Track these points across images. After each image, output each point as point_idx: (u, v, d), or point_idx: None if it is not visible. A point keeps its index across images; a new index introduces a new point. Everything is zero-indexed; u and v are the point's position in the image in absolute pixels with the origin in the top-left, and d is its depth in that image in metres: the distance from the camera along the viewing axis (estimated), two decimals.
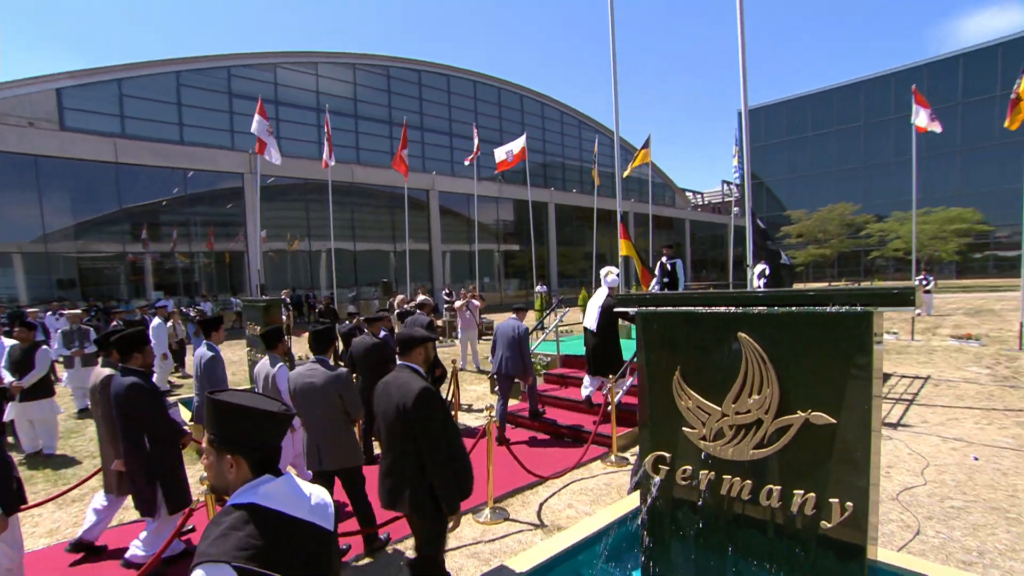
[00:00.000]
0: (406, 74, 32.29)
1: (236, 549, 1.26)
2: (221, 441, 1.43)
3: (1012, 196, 36.89)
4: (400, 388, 2.72)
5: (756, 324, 2.26)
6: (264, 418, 1.42)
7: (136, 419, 3.44)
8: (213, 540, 1.29)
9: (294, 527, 1.38)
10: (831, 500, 2.10)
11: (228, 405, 1.42)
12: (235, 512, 1.34)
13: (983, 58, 40.06)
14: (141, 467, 3.48)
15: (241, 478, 1.41)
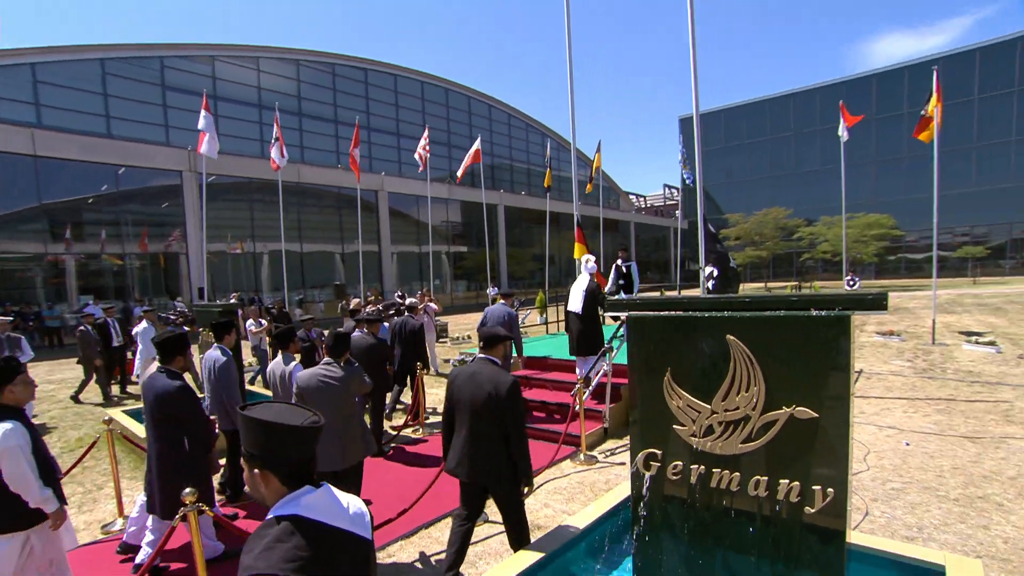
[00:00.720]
0: (352, 72, 31.60)
1: (283, 561, 1.26)
2: (250, 456, 1.42)
3: (920, 204, 40.43)
4: (490, 379, 3.16)
5: (744, 327, 2.44)
6: (287, 432, 1.39)
7: (181, 420, 3.51)
8: (259, 553, 1.28)
9: (336, 537, 1.38)
10: (814, 488, 2.30)
11: (252, 421, 1.40)
12: (278, 524, 1.34)
13: (892, 79, 43.72)
14: (178, 468, 3.51)
15: (273, 491, 1.41)
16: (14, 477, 2.78)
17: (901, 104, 42.74)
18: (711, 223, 9.10)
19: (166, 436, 3.54)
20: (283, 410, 1.48)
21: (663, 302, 2.77)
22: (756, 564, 2.46)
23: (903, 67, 43.54)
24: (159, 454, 3.55)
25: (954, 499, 4.31)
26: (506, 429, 3.13)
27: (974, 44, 40.83)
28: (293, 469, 1.42)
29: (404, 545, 4.05)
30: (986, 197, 39.33)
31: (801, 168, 48.24)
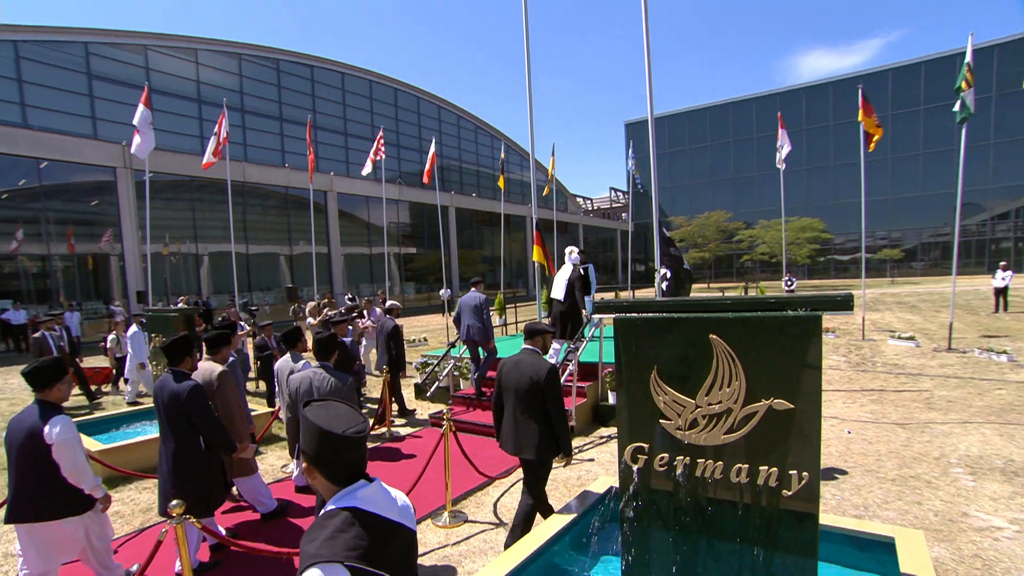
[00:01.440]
0: (298, 69, 30.65)
1: (346, 549, 1.33)
2: (303, 452, 1.49)
3: (846, 209, 43.67)
4: (532, 366, 3.63)
5: (726, 327, 2.64)
6: (328, 438, 1.43)
7: (195, 421, 3.59)
8: (323, 542, 1.34)
9: (389, 528, 1.46)
10: (791, 472, 2.52)
11: (305, 420, 1.47)
12: (338, 515, 1.40)
13: (819, 93, 46.82)
14: (194, 467, 3.63)
15: (321, 486, 1.48)
16: (72, 467, 3.04)
17: (828, 116, 45.82)
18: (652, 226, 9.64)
19: (181, 436, 3.63)
20: (334, 414, 1.51)
21: (649, 304, 2.93)
22: (739, 550, 2.66)
23: (828, 83, 46.72)
24: (174, 454, 3.62)
25: (891, 479, 4.75)
26: (547, 409, 3.59)
27: (887, 65, 44.37)
28: (335, 470, 1.47)
29: None
30: (900, 205, 42.78)
31: (739, 173, 50.75)
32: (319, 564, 1.30)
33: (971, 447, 5.43)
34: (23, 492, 3.05)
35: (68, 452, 3.01)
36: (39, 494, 3.04)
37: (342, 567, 1.30)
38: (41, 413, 3.06)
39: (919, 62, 42.78)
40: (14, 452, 3.07)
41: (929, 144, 42.22)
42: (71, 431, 3.05)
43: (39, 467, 3.02)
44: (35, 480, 3.04)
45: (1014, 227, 40.18)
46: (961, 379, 8.16)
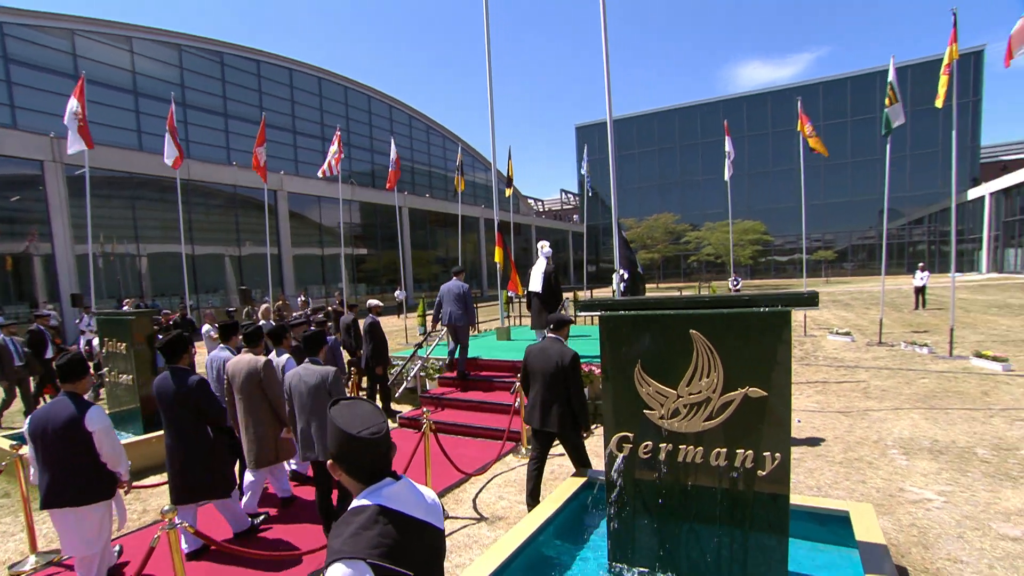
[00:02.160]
0: (243, 63, 29.49)
1: (369, 547, 1.35)
2: (330, 453, 1.52)
3: (784, 213, 46.19)
4: (558, 351, 4.16)
5: (704, 323, 2.86)
6: (346, 438, 1.46)
7: (203, 411, 3.83)
8: (346, 538, 1.37)
9: (414, 527, 1.48)
10: (765, 454, 2.77)
11: (331, 421, 1.48)
12: (363, 512, 1.42)
13: (758, 102, 49.36)
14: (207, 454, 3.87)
15: (347, 482, 1.51)
16: (112, 452, 3.31)
17: (767, 124, 48.35)
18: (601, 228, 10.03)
19: (191, 427, 3.84)
20: (355, 414, 1.52)
21: (633, 303, 3.12)
22: (718, 530, 2.89)
23: (766, 93, 49.33)
24: (182, 445, 3.83)
25: (839, 462, 5.17)
26: (568, 390, 4.13)
27: (818, 79, 47.32)
28: (356, 468, 1.49)
29: None
30: (832, 209, 45.66)
31: (686, 177, 52.69)
32: (343, 560, 1.32)
33: (903, 431, 5.97)
34: (59, 478, 3.22)
35: (108, 438, 3.30)
36: (76, 480, 3.23)
37: (365, 564, 1.32)
38: (77, 404, 3.27)
39: (845, 77, 45.87)
40: (49, 442, 3.21)
41: (856, 153, 45.31)
42: (107, 419, 3.33)
43: (78, 455, 3.22)
44: (72, 467, 3.23)
45: (928, 231, 43.70)
46: (891, 370, 8.90)
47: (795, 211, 46.32)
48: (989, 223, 37.01)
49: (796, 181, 45.55)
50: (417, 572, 1.42)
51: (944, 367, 8.91)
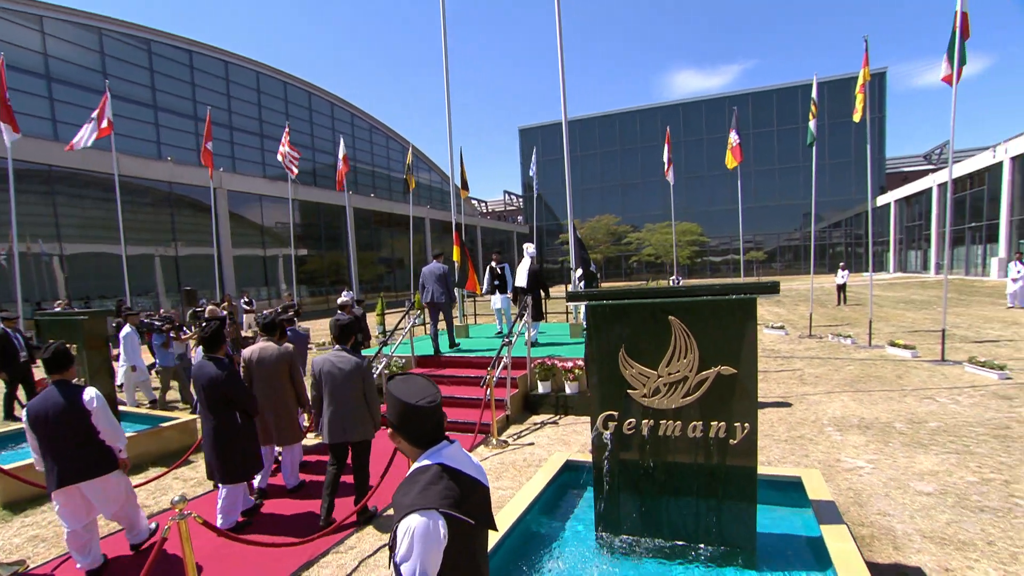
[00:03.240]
0: (173, 52, 27.94)
1: (440, 498, 1.53)
2: (389, 423, 1.70)
3: (718, 215, 48.78)
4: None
5: (682, 310, 3.19)
6: (405, 407, 1.64)
7: (233, 398, 4.12)
8: (417, 493, 1.55)
9: (469, 483, 1.66)
10: (735, 424, 3.13)
11: (390, 392, 1.68)
12: (429, 470, 1.60)
13: (693, 110, 51.86)
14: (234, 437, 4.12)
15: (406, 448, 1.69)
16: (109, 427, 3.61)
17: (701, 130, 50.85)
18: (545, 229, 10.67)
19: (222, 413, 4.12)
20: (412, 387, 1.70)
21: (618, 293, 3.41)
22: (695, 502, 3.22)
23: (701, 101, 51.93)
24: (216, 429, 4.11)
25: (784, 440, 5.72)
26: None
27: (748, 89, 50.28)
28: (415, 434, 1.67)
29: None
30: (761, 212, 48.60)
31: (626, 180, 54.50)
32: (417, 511, 1.49)
33: (836, 411, 6.65)
34: (68, 458, 3.48)
35: (105, 415, 3.58)
36: (84, 457, 3.51)
37: (437, 513, 1.50)
38: (69, 389, 3.53)
39: (771, 90, 49.01)
40: (51, 427, 3.45)
41: (782, 160, 48.52)
42: (102, 398, 3.62)
43: (79, 435, 3.49)
44: (77, 446, 3.49)
45: (845, 234, 47.43)
46: (822, 359, 9.77)
47: (727, 214, 49.07)
48: (895, 228, 40.66)
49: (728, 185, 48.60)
50: (476, 521, 1.61)
51: (865, 355, 9.88)
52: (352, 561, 3.66)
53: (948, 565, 3.28)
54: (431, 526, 1.48)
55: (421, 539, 1.46)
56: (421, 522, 1.48)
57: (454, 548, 1.52)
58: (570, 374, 7.34)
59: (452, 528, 1.51)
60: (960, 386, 7.50)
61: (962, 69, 8.57)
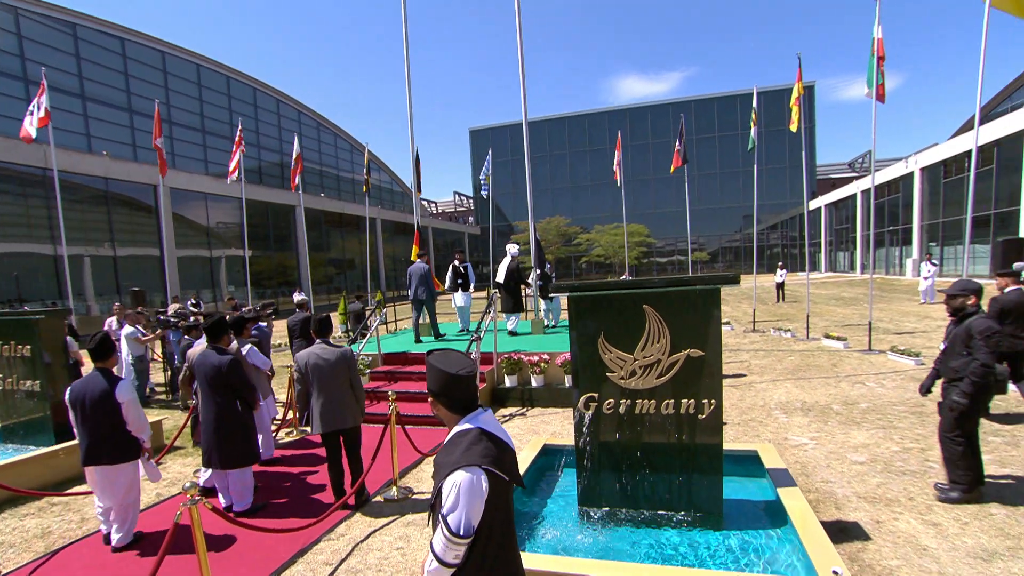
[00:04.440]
0: (104, 40, 26.26)
1: (482, 457, 1.72)
2: (429, 390, 1.90)
3: (664, 217, 50.63)
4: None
5: (655, 299, 3.51)
6: (445, 376, 1.83)
7: (234, 387, 4.29)
8: (461, 452, 1.73)
9: (503, 445, 1.85)
10: (703, 401, 3.48)
11: (431, 365, 1.88)
12: (469, 433, 1.79)
13: (639, 115, 53.60)
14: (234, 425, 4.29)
15: (444, 415, 1.88)
16: (136, 420, 3.83)
17: (647, 135, 52.62)
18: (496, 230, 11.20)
19: (223, 400, 4.27)
20: (450, 359, 1.90)
21: (597, 285, 3.70)
22: (668, 475, 3.55)
23: (646, 107, 53.72)
24: (217, 416, 4.26)
25: (738, 423, 6.21)
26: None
27: (690, 96, 52.50)
28: (454, 401, 1.86)
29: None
30: (703, 215, 50.83)
31: (576, 182, 55.65)
32: (463, 467, 1.67)
33: (781, 396, 7.24)
34: (96, 441, 3.75)
35: (135, 408, 3.83)
36: (108, 443, 3.76)
37: (480, 469, 1.68)
38: (107, 379, 3.81)
39: (712, 98, 51.40)
40: (87, 410, 3.74)
41: (723, 166, 50.95)
42: (134, 392, 3.88)
43: (109, 422, 3.75)
44: (105, 432, 3.75)
45: (781, 236, 50.30)
46: (766, 351, 10.51)
47: (672, 216, 51.00)
48: (825, 230, 43.52)
49: (672, 188, 50.51)
50: (510, 478, 1.82)
51: (803, 347, 10.69)
52: (346, 547, 3.77)
53: (879, 518, 3.76)
54: (475, 481, 1.67)
55: (466, 492, 1.65)
56: (466, 477, 1.66)
57: (492, 502, 1.72)
58: (536, 368, 7.62)
59: (491, 483, 1.72)
60: (884, 372, 8.30)
61: (884, 86, 9.47)
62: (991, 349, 3.82)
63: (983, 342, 3.83)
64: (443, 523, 1.68)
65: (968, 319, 4.01)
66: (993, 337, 3.84)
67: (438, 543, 1.69)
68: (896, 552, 3.33)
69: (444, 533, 1.67)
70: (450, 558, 1.68)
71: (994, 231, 20.88)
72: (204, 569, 2.71)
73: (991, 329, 3.86)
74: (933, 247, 26.11)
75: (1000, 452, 4.88)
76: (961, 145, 23.90)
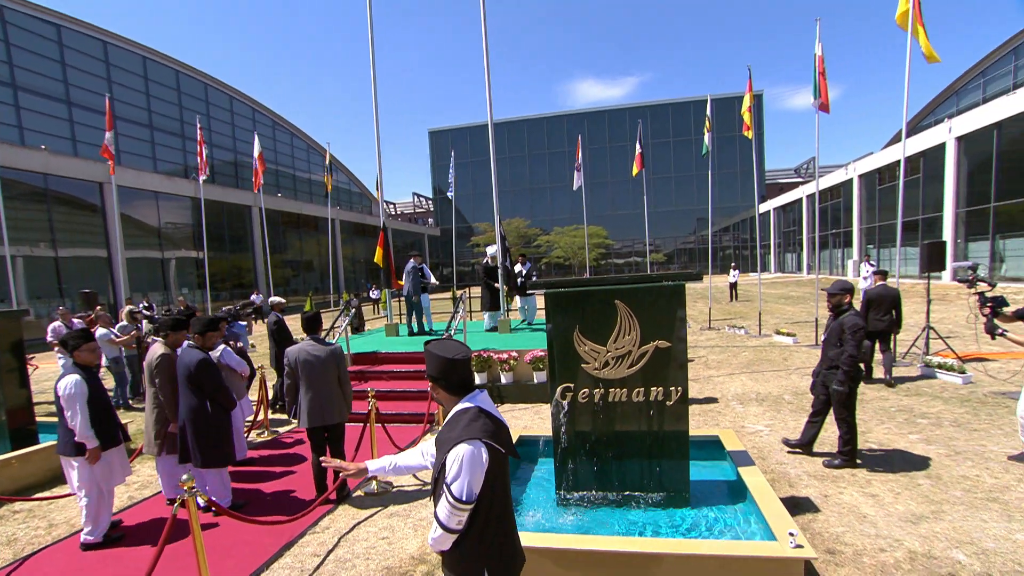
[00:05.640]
0: (39, 27, 24.72)
1: (482, 432, 1.90)
2: (430, 376, 2.07)
3: (621, 220, 51.81)
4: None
5: (625, 294, 3.77)
6: (443, 361, 2.02)
7: (204, 387, 4.28)
8: (464, 427, 1.91)
9: (499, 422, 2.04)
10: (670, 388, 3.75)
11: (431, 351, 2.05)
12: (469, 411, 1.97)
13: (597, 119, 54.70)
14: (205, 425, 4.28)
15: (443, 397, 2.05)
16: (71, 420, 3.78)
17: (604, 139, 53.76)
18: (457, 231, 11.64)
19: (193, 399, 4.27)
20: (447, 346, 2.09)
21: (571, 282, 3.93)
22: (639, 458, 3.80)
23: (604, 111, 54.91)
24: (190, 414, 4.27)
25: (697, 414, 6.58)
26: None
27: (646, 102, 53.94)
28: (451, 383, 2.04)
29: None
30: (659, 217, 52.31)
31: (535, 184, 56.23)
32: (465, 441, 1.85)
33: (737, 388, 7.69)
34: (60, 432, 3.94)
35: (69, 405, 3.78)
36: (62, 435, 3.91)
37: (480, 442, 1.87)
38: (66, 371, 3.89)
39: (667, 104, 53.01)
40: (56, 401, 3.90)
41: (677, 169, 52.61)
42: (77, 388, 3.80)
43: (60, 413, 3.86)
44: (61, 423, 3.88)
45: (733, 238, 52.33)
46: (721, 347, 11.06)
47: (628, 218, 52.25)
48: (774, 232, 45.57)
49: (628, 191, 51.76)
50: (506, 451, 2.00)
51: (756, 343, 11.31)
52: (331, 538, 3.86)
53: (826, 493, 4.15)
54: (476, 452, 1.85)
55: (469, 463, 1.83)
56: (468, 449, 1.84)
57: (491, 472, 1.91)
58: (505, 365, 7.81)
59: (490, 455, 1.90)
60: None
61: (827, 98, 10.17)
62: (857, 342, 4.55)
63: (851, 336, 4.58)
64: (447, 491, 1.85)
65: (843, 315, 4.77)
66: (859, 332, 4.58)
67: (443, 510, 1.86)
68: (841, 520, 3.70)
69: (449, 500, 1.84)
70: (454, 524, 1.86)
71: (922, 234, 22.48)
72: (201, 560, 2.77)
73: (857, 326, 4.62)
74: (871, 249, 27.82)
75: (928, 432, 5.41)
76: (893, 155, 25.63)
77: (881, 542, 3.39)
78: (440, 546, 1.91)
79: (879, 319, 7.39)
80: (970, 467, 4.49)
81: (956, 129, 20.00)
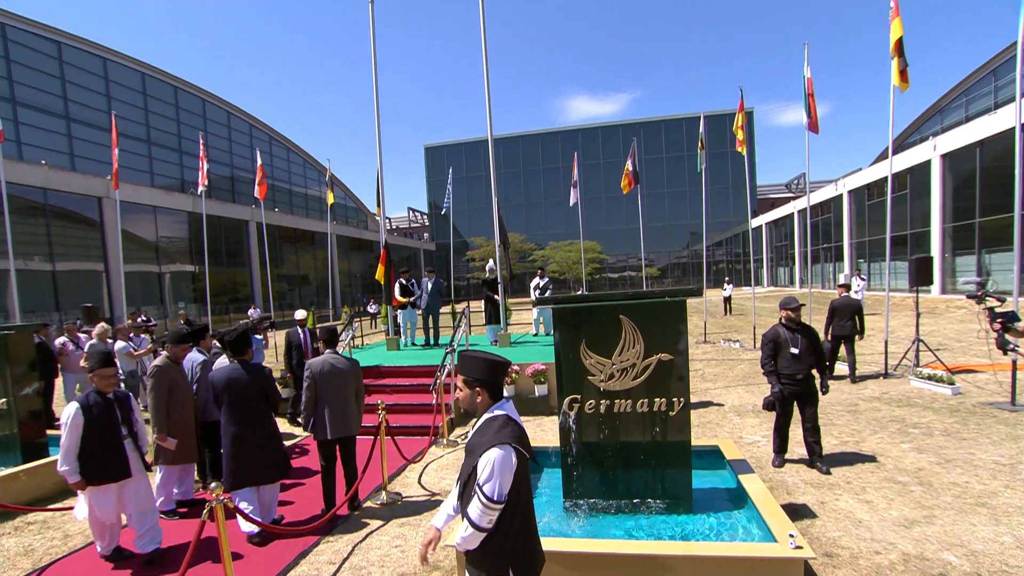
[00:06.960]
0: (38, 43, 24.99)
1: (512, 438, 2.06)
2: (473, 380, 2.21)
3: (615, 235, 52.26)
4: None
5: (630, 310, 3.95)
6: (492, 365, 2.19)
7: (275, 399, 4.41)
8: (494, 434, 2.06)
9: (523, 429, 2.20)
10: (673, 399, 3.92)
11: (475, 356, 2.21)
12: (499, 418, 2.13)
13: (590, 135, 55.47)
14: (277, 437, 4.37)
15: (485, 403, 2.19)
16: (60, 444, 3.72)
17: (598, 155, 54.46)
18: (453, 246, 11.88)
19: (265, 414, 4.33)
20: (486, 353, 2.27)
21: (578, 298, 4.11)
22: (643, 467, 3.96)
23: (597, 127, 55.70)
24: (263, 430, 4.28)
25: (696, 425, 6.73)
26: None
27: (639, 119, 54.86)
28: (496, 388, 2.21)
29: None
30: (653, 232, 52.86)
31: (529, 200, 56.72)
32: (496, 445, 2.00)
33: (734, 400, 7.87)
34: None
35: (63, 431, 3.74)
36: None
37: (510, 447, 2.02)
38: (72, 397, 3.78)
39: (660, 120, 53.89)
40: None
41: (671, 185, 53.29)
42: (71, 419, 3.72)
43: None
44: None
45: (726, 252, 52.87)
46: (717, 360, 11.25)
47: (622, 233, 52.74)
48: (767, 247, 46.12)
49: (622, 207, 52.32)
50: (529, 455, 2.16)
51: (751, 356, 11.50)
52: (346, 547, 3.97)
53: (823, 500, 4.31)
54: (507, 456, 2.01)
55: (500, 465, 1.99)
56: (500, 453, 2.00)
57: (517, 475, 2.07)
58: (507, 378, 7.95)
59: (518, 459, 2.06)
60: None
61: (816, 117, 10.51)
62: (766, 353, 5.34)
63: None
64: (480, 492, 2.00)
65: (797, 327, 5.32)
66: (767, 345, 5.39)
67: (475, 510, 2.01)
68: (838, 525, 3.86)
69: (481, 500, 1.99)
70: (485, 523, 2.01)
71: (910, 249, 22.91)
72: (227, 567, 2.88)
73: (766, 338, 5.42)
74: (862, 263, 28.24)
75: (919, 441, 5.59)
76: (881, 171, 26.17)
77: (876, 545, 3.55)
78: (468, 545, 2.05)
79: (842, 325, 8.60)
80: (960, 474, 4.67)
81: (941, 147, 20.53)
